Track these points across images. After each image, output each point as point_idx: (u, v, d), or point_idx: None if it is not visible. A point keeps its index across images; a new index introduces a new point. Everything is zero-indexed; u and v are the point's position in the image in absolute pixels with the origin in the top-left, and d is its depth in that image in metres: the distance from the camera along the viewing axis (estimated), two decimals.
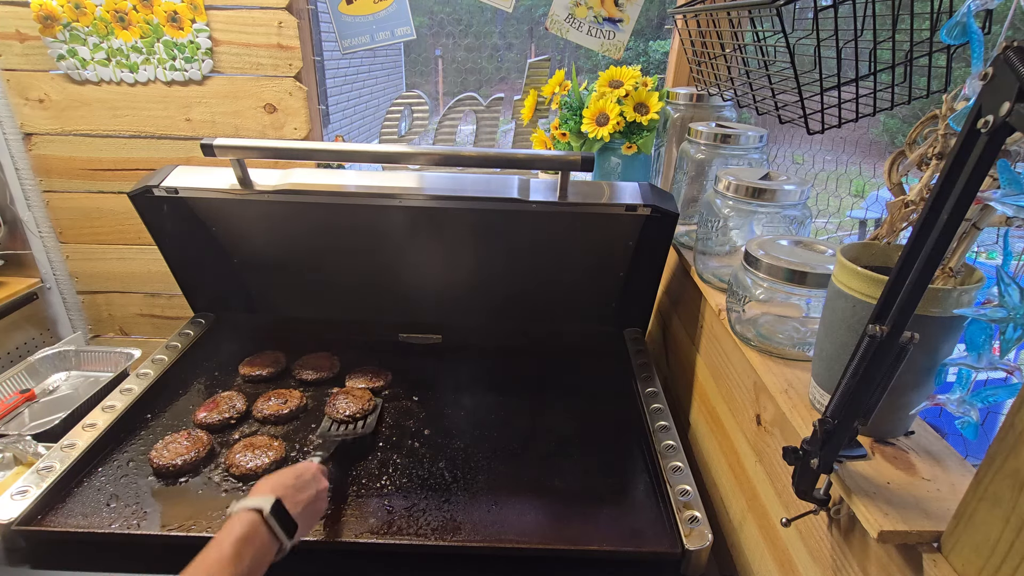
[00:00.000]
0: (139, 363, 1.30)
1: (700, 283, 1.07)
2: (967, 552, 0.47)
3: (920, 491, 0.56)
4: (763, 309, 0.83)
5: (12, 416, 1.34)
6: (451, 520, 0.86)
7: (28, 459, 1.13)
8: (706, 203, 1.00)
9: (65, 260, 1.81)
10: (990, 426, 0.53)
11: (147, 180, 1.10)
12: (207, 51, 1.54)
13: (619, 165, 1.45)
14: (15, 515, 0.81)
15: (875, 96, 0.77)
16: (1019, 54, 0.39)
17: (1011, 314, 0.46)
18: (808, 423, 0.59)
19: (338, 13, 1.53)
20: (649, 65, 2.30)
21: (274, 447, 0.97)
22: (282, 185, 1.06)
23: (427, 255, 1.25)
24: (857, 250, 0.64)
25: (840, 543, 0.64)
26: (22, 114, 1.62)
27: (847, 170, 1.36)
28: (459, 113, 1.64)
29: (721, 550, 0.97)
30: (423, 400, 1.15)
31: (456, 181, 1.10)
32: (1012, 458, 0.43)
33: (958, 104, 0.54)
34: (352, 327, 1.36)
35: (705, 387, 1.11)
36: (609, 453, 1.02)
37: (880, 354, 0.50)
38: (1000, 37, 0.56)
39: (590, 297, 1.35)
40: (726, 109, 1.25)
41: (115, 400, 1.05)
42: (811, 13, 0.72)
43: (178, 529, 0.83)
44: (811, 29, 0.72)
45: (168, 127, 1.64)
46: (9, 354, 1.69)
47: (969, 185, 0.43)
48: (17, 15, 1.50)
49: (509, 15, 1.57)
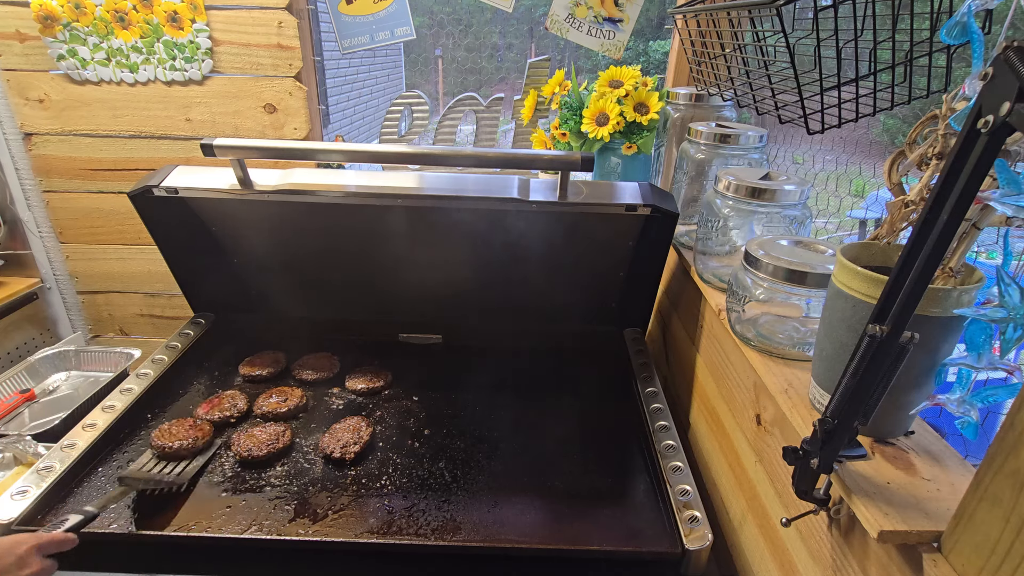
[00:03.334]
0: (139, 363, 1.30)
1: (700, 283, 1.07)
2: (967, 552, 0.47)
3: (920, 491, 0.56)
4: (763, 309, 0.83)
5: (12, 416, 1.34)
6: (451, 520, 0.86)
7: (28, 459, 1.13)
8: (706, 203, 1.00)
9: (65, 260, 1.81)
10: (990, 426, 0.53)
11: (147, 180, 1.10)
12: (207, 51, 1.54)
13: (619, 165, 1.45)
14: (15, 515, 0.81)
15: (875, 96, 0.77)
16: (1019, 54, 0.39)
17: (1011, 314, 0.46)
18: (808, 423, 0.59)
19: (338, 13, 1.53)
20: (649, 65, 2.30)
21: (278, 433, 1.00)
22: (282, 185, 1.06)
23: (427, 255, 1.25)
24: (857, 250, 0.64)
25: (840, 543, 0.64)
26: (22, 114, 1.62)
27: (847, 170, 1.36)
28: (459, 113, 1.64)
29: (721, 550, 0.97)
30: (423, 400, 1.15)
31: (456, 181, 1.10)
32: (1012, 458, 0.43)
33: (958, 104, 0.54)
34: (352, 327, 1.37)
35: (705, 387, 1.11)
36: (609, 453, 1.02)
37: (880, 354, 0.50)
38: (1000, 37, 0.56)
39: (590, 297, 1.35)
40: (726, 109, 1.25)
41: (115, 400, 1.05)
42: (811, 13, 0.72)
43: (178, 529, 0.83)
44: (811, 29, 0.72)
45: (168, 127, 1.64)
46: (9, 354, 1.68)
47: (969, 185, 0.43)
48: (17, 15, 1.50)
49: (509, 15, 1.57)
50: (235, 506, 0.87)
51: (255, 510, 0.86)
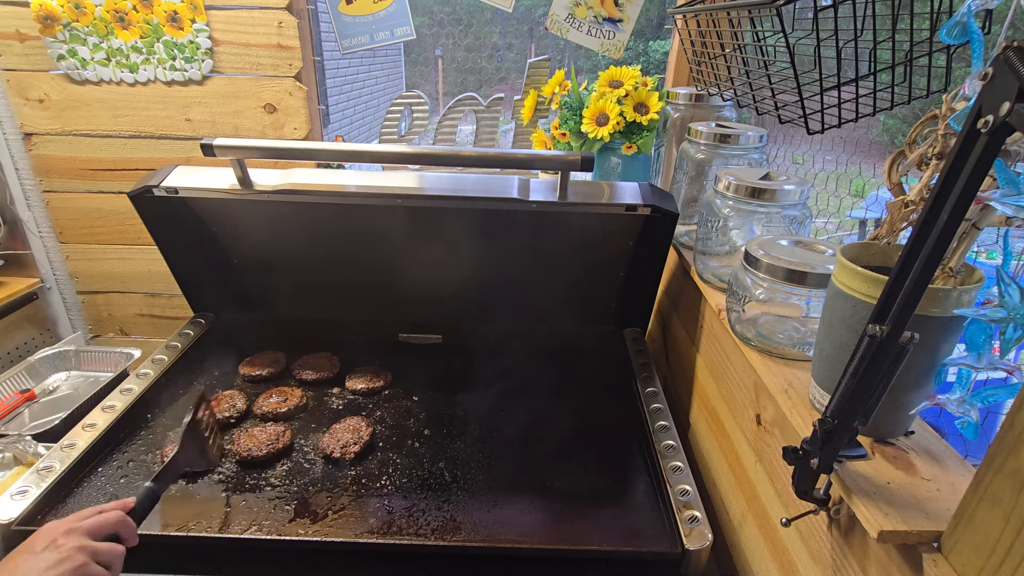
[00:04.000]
0: (139, 363, 1.30)
1: (700, 283, 1.07)
2: (967, 552, 0.47)
3: (920, 491, 0.56)
4: (763, 309, 0.83)
5: (12, 416, 1.34)
6: (451, 520, 0.86)
7: (28, 459, 1.13)
8: (706, 203, 1.00)
9: (65, 260, 1.81)
10: (990, 426, 0.53)
11: (147, 180, 1.10)
12: (207, 51, 1.54)
13: (619, 165, 1.45)
14: (15, 515, 0.81)
15: (875, 96, 0.77)
16: (1019, 54, 0.39)
17: (1011, 314, 0.46)
18: (808, 423, 0.59)
19: (338, 13, 1.53)
20: (649, 65, 2.30)
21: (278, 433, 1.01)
22: (282, 185, 1.06)
23: (427, 255, 1.25)
24: (857, 250, 0.64)
25: (840, 543, 0.64)
26: (22, 114, 1.62)
27: (847, 170, 1.36)
28: (459, 113, 1.64)
29: (721, 550, 0.97)
30: (423, 400, 1.15)
31: (456, 181, 1.10)
32: (1012, 458, 0.43)
33: (958, 104, 0.54)
34: (352, 327, 1.36)
35: (705, 387, 1.11)
36: (609, 453, 1.02)
37: (880, 354, 0.50)
38: (1000, 37, 0.56)
39: (590, 297, 1.35)
40: (726, 109, 1.25)
41: (115, 400, 1.05)
42: (811, 13, 0.72)
43: (178, 529, 0.83)
44: (811, 29, 0.72)
45: (168, 127, 1.64)
46: (9, 354, 1.68)
47: (969, 185, 0.43)
48: (17, 15, 1.50)
49: (509, 15, 1.57)
50: (235, 506, 0.87)
51: (255, 510, 0.86)
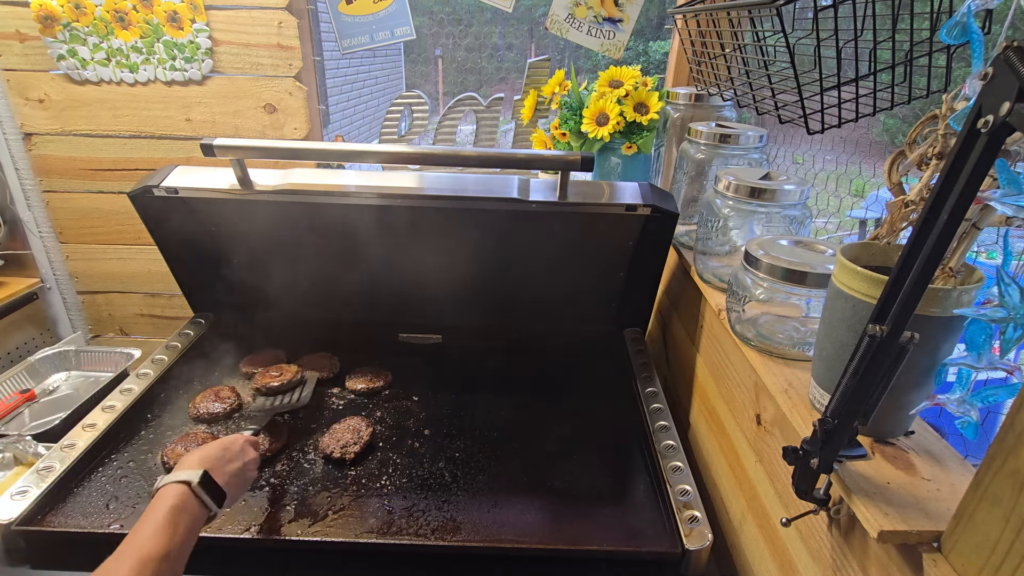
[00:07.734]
0: (139, 363, 1.30)
1: (700, 283, 1.07)
2: (967, 552, 0.47)
3: (920, 491, 0.56)
4: (763, 309, 0.83)
5: (12, 416, 1.34)
6: (451, 520, 0.86)
7: (28, 459, 1.13)
8: (706, 203, 1.00)
9: (65, 260, 1.81)
10: (990, 426, 0.53)
11: (147, 180, 1.10)
12: (207, 51, 1.54)
13: (619, 165, 1.45)
14: (15, 515, 0.81)
15: (875, 96, 0.77)
16: (1019, 54, 0.39)
17: (1011, 314, 0.46)
18: (808, 423, 0.59)
19: (338, 13, 1.53)
20: (649, 65, 2.30)
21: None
22: (282, 185, 1.06)
23: (427, 255, 1.25)
24: (857, 250, 0.64)
25: (840, 543, 0.64)
26: (22, 114, 1.62)
27: (847, 170, 1.36)
28: (459, 113, 1.64)
29: (721, 550, 0.97)
30: (423, 400, 1.15)
31: (456, 181, 1.10)
32: (1012, 458, 0.43)
33: (958, 104, 0.54)
34: (352, 327, 1.36)
35: (705, 387, 1.11)
36: (609, 453, 1.02)
37: (880, 354, 0.50)
38: (1000, 37, 0.56)
39: (590, 297, 1.35)
40: (726, 109, 1.25)
41: (115, 400, 1.05)
42: (811, 13, 0.72)
43: None
44: (811, 29, 0.72)
45: (168, 127, 1.64)
46: (9, 354, 1.69)
47: (969, 185, 0.43)
48: (17, 15, 1.50)
49: (509, 15, 1.57)
50: (235, 506, 0.87)
51: (255, 510, 0.86)
